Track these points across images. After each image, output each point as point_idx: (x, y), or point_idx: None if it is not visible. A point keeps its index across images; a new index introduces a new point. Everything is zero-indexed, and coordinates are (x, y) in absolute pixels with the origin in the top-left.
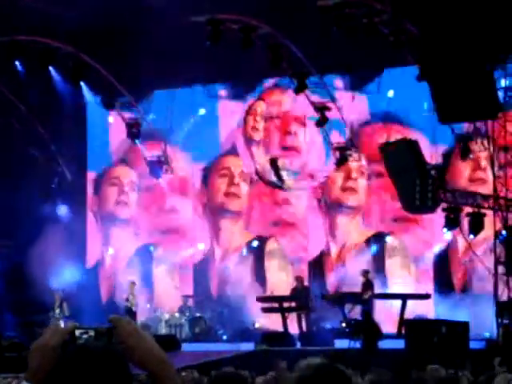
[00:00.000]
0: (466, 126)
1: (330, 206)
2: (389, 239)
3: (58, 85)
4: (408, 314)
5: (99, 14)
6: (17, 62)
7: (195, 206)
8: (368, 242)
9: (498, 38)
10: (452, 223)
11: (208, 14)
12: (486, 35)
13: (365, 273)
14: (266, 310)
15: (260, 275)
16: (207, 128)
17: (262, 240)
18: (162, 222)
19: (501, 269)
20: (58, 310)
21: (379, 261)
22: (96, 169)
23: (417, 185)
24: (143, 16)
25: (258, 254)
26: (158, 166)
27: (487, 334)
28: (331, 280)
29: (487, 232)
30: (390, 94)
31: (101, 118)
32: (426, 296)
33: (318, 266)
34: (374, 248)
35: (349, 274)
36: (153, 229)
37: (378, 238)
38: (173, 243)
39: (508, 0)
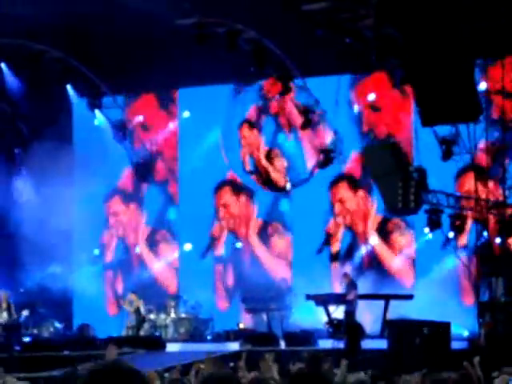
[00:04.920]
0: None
1: None
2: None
3: (43, 86)
4: None
5: (85, 16)
6: (2, 64)
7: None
8: None
9: (479, 43)
10: (434, 224)
11: (194, 17)
12: (467, 40)
13: (346, 275)
14: (249, 311)
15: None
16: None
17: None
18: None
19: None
20: (4, 314)
21: None
22: (82, 170)
23: (399, 187)
24: (130, 19)
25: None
26: (143, 169)
27: (466, 333)
28: None
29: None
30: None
31: (87, 120)
32: (409, 296)
33: None
34: None
35: None
36: (139, 229)
37: None
38: (159, 243)
39: (487, 6)
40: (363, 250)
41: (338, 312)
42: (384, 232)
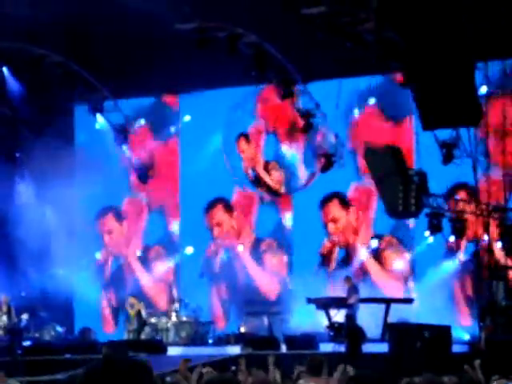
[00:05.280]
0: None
1: None
2: None
3: (44, 90)
4: None
5: (85, 19)
6: (4, 68)
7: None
8: None
9: (479, 45)
10: (435, 228)
11: (195, 21)
12: (468, 43)
13: (348, 278)
14: (250, 314)
15: None
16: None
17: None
18: (149, 227)
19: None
20: (4, 317)
21: None
22: (83, 174)
23: (400, 191)
24: (131, 23)
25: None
26: (144, 171)
27: (467, 337)
28: None
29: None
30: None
31: (88, 124)
32: (410, 300)
33: None
34: None
35: None
36: (139, 233)
37: None
38: (160, 247)
39: (489, 9)
40: (357, 261)
41: (339, 315)
42: (376, 250)
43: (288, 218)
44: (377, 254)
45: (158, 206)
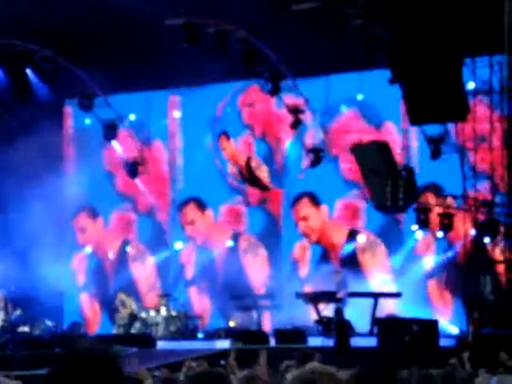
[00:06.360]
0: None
1: None
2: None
3: (35, 86)
4: None
5: (76, 15)
6: None
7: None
8: None
9: (467, 42)
10: (423, 223)
11: (184, 17)
12: (456, 39)
13: (337, 272)
14: (240, 309)
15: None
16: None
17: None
18: (139, 222)
19: None
20: (1, 313)
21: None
22: (72, 169)
23: (388, 186)
24: (120, 18)
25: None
26: (134, 167)
27: (456, 331)
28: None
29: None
30: (360, 97)
31: (78, 119)
32: (398, 295)
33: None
34: None
35: None
36: (128, 228)
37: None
38: (150, 242)
39: (476, 7)
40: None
41: (329, 309)
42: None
43: (277, 213)
44: (354, 251)
45: (147, 202)
